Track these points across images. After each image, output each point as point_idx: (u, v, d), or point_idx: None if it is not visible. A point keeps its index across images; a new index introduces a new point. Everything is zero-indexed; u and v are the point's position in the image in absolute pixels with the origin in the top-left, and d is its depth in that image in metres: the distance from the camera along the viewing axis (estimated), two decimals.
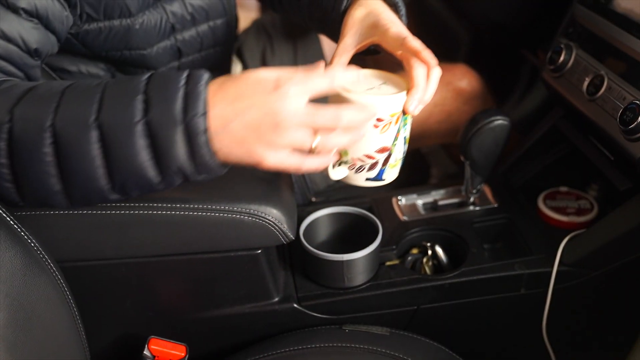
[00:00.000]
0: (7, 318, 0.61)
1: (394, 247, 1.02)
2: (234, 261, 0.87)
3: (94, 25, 0.89)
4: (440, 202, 1.14)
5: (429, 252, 1.04)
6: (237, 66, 1.42)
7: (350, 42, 0.86)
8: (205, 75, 0.67)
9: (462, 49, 1.59)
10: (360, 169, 0.81)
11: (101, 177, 0.67)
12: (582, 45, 1.02)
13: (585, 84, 0.97)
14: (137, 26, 0.92)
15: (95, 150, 0.65)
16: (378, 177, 0.83)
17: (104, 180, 0.67)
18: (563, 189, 1.11)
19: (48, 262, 0.72)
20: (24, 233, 0.69)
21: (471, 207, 1.11)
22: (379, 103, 0.74)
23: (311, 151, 0.68)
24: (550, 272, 0.97)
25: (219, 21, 1.04)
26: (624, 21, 0.93)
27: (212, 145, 0.65)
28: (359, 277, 0.94)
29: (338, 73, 0.67)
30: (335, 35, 0.91)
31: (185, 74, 0.67)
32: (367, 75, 0.81)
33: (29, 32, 0.77)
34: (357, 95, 0.75)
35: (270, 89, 0.65)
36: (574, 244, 0.98)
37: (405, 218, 1.09)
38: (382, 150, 0.79)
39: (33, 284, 0.67)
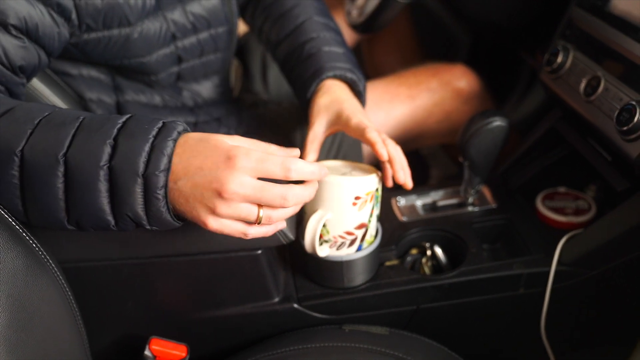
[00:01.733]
0: (8, 318, 0.62)
1: (393, 247, 1.03)
2: (234, 262, 0.87)
3: (93, 35, 0.89)
4: (440, 203, 1.14)
5: (428, 252, 1.04)
6: (238, 69, 1.42)
7: (319, 130, 0.94)
8: (177, 129, 0.67)
9: (461, 49, 1.60)
10: (341, 246, 0.90)
11: (60, 209, 0.67)
12: (579, 47, 1.03)
13: (583, 85, 0.98)
14: (136, 35, 0.92)
15: (59, 183, 0.66)
16: None
17: (62, 213, 0.68)
18: (561, 189, 1.12)
19: (50, 262, 0.72)
20: (26, 234, 0.70)
21: (470, 208, 1.11)
22: (359, 183, 0.85)
23: (256, 221, 0.69)
24: (549, 272, 0.97)
25: (220, 29, 1.04)
26: (621, 23, 0.94)
27: (169, 200, 0.66)
28: (359, 277, 0.95)
29: (295, 165, 0.66)
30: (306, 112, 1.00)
31: (158, 125, 0.67)
32: (330, 166, 0.90)
33: (14, 49, 0.76)
34: (337, 177, 0.84)
35: (223, 159, 0.65)
36: (572, 244, 0.99)
37: (404, 219, 1.09)
38: (360, 227, 0.88)
39: (35, 285, 0.68)
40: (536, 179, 1.16)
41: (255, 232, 0.70)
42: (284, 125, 1.23)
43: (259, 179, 0.66)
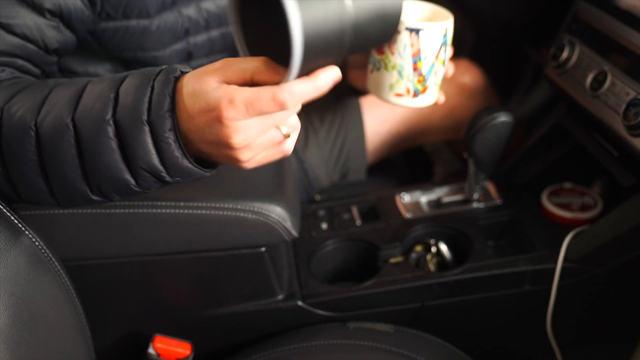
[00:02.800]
0: (11, 317, 0.61)
1: (397, 244, 1.02)
2: (238, 259, 0.87)
3: (111, 24, 0.89)
4: (444, 199, 1.14)
5: (433, 249, 1.04)
6: None
7: None
8: (178, 70, 0.63)
9: (465, 45, 1.59)
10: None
11: (78, 180, 0.65)
12: (585, 42, 1.02)
13: (589, 80, 0.97)
14: (154, 27, 0.92)
15: (72, 149, 0.63)
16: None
17: (81, 184, 0.65)
18: (567, 185, 1.11)
19: (52, 261, 0.72)
20: (29, 232, 0.69)
21: (475, 204, 1.11)
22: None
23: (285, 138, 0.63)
24: (554, 269, 0.97)
25: (230, 28, 1.05)
26: (628, 17, 0.93)
27: (184, 143, 0.61)
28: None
29: (289, 94, 0.56)
30: None
31: (156, 70, 0.64)
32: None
33: (50, 33, 0.78)
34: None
35: (213, 117, 0.58)
36: (578, 241, 0.98)
37: (408, 215, 1.09)
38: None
39: (38, 283, 0.67)
40: (541, 174, 1.15)
41: (290, 144, 0.64)
42: None
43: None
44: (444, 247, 1.04)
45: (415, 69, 0.84)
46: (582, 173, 1.13)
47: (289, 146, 0.65)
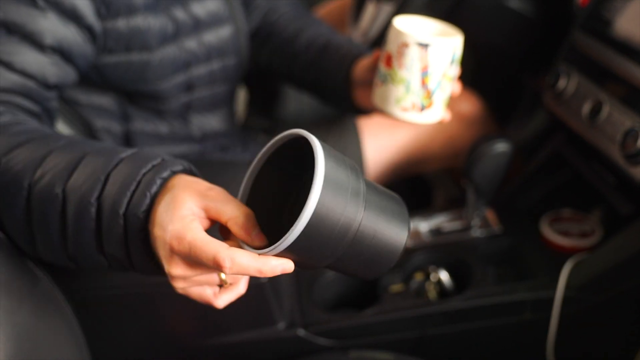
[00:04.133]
0: (14, 348, 0.61)
1: (398, 271, 1.03)
2: None
3: (114, 58, 0.90)
4: (444, 227, 1.14)
5: (433, 277, 1.04)
6: (244, 95, 1.43)
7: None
8: (167, 171, 0.62)
9: (463, 73, 1.60)
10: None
11: (60, 246, 0.64)
12: (581, 71, 1.03)
13: (586, 109, 0.98)
14: (155, 61, 0.93)
15: (57, 217, 0.63)
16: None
17: (62, 250, 0.65)
18: (566, 212, 1.11)
19: (56, 291, 0.72)
20: (32, 263, 0.70)
21: (475, 232, 1.11)
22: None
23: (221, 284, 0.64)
24: (555, 297, 0.97)
25: (231, 60, 1.06)
26: (624, 47, 0.94)
27: (150, 244, 0.61)
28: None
29: (230, 262, 0.55)
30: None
31: (151, 165, 0.63)
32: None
33: (50, 68, 0.79)
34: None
35: (168, 242, 0.58)
36: (578, 269, 0.98)
37: (409, 243, 1.09)
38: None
39: (41, 314, 0.67)
40: (541, 202, 1.16)
41: (226, 299, 0.66)
42: None
43: None
44: (444, 275, 1.04)
45: (422, 83, 0.84)
46: (581, 200, 1.13)
47: (222, 299, 0.65)
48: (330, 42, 1.10)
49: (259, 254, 0.55)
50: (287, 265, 0.56)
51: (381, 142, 1.23)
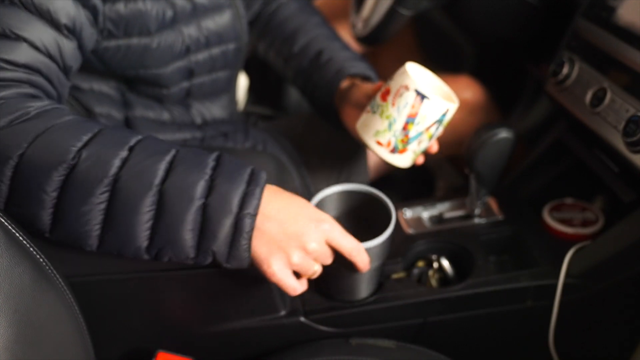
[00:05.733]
0: (16, 334, 0.62)
1: (399, 259, 1.03)
2: (241, 275, 0.87)
3: (113, 42, 0.90)
4: (446, 215, 1.14)
5: (435, 264, 1.04)
6: (244, 83, 1.43)
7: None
8: (264, 178, 0.73)
9: (466, 61, 1.60)
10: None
11: (143, 238, 0.70)
12: (584, 58, 1.03)
13: (588, 96, 0.98)
14: (155, 45, 0.93)
15: (147, 211, 0.68)
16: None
17: (143, 241, 0.70)
18: (568, 200, 1.11)
19: (57, 277, 0.72)
20: (33, 249, 0.70)
21: (477, 220, 1.11)
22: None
23: (310, 275, 0.78)
24: (557, 285, 0.97)
25: (230, 45, 1.06)
26: (626, 34, 0.94)
27: (254, 238, 0.72)
28: (373, 263, 0.87)
29: (360, 257, 0.79)
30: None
31: (249, 171, 0.73)
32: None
33: (67, 49, 0.78)
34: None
35: (314, 219, 0.75)
36: (579, 256, 0.98)
37: (410, 231, 1.09)
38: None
39: (42, 300, 0.68)
40: (543, 190, 1.16)
41: (301, 288, 0.77)
42: (293, 137, 1.24)
43: None
44: (445, 263, 1.04)
45: (404, 128, 0.87)
46: (584, 188, 1.13)
47: (300, 289, 0.77)
48: (324, 53, 1.11)
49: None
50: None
51: None
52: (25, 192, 0.69)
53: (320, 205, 0.94)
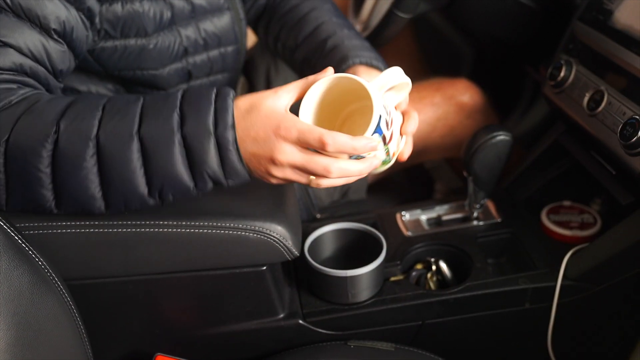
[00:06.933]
0: (14, 336, 0.62)
1: (398, 262, 1.03)
2: (239, 278, 0.87)
3: (110, 43, 0.90)
4: (444, 217, 1.14)
5: (433, 267, 1.04)
6: (243, 86, 1.43)
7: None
8: (231, 92, 0.74)
9: (464, 64, 1.60)
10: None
11: (141, 184, 0.73)
12: (582, 61, 1.03)
13: (586, 99, 0.98)
14: (151, 46, 0.93)
15: (136, 159, 0.72)
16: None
17: (143, 187, 0.73)
18: (566, 203, 1.12)
19: (55, 280, 0.73)
20: (32, 251, 0.70)
21: (475, 222, 1.11)
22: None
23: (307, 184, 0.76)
24: (555, 287, 0.97)
25: (229, 48, 1.06)
26: (623, 37, 0.94)
27: (240, 152, 0.73)
28: (364, 292, 0.95)
29: (332, 140, 0.70)
30: None
31: (213, 92, 0.74)
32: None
33: (56, 54, 0.80)
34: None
35: (273, 129, 0.72)
36: (577, 259, 0.98)
37: (409, 233, 1.09)
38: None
39: (40, 302, 0.68)
40: (541, 192, 1.16)
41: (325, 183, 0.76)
42: None
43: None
44: (444, 266, 1.04)
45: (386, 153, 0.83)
46: (581, 191, 1.13)
47: (314, 182, 0.76)
48: (329, 41, 1.07)
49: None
50: (374, 143, 0.72)
51: None
52: (22, 175, 0.72)
53: (314, 244, 0.99)
